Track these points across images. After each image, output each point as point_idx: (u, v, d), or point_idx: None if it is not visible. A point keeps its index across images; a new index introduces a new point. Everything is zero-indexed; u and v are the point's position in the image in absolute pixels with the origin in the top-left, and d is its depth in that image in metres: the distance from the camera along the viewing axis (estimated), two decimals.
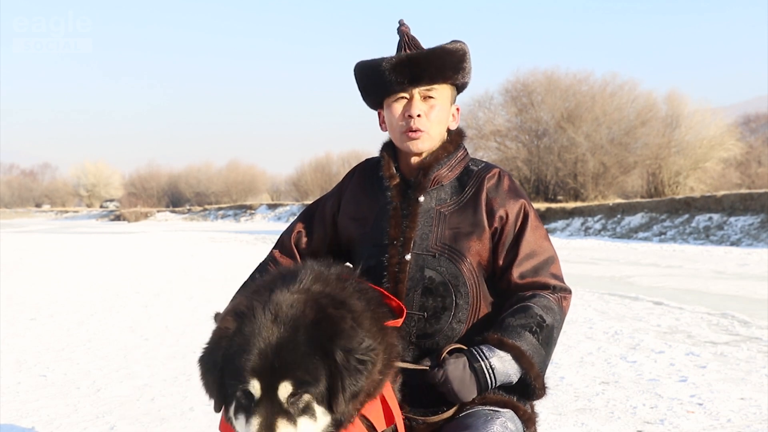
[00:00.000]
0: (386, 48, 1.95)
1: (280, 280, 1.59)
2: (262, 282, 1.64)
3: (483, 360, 1.70)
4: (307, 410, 1.42)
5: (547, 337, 1.76)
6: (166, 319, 7.37)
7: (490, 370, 1.69)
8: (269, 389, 1.39)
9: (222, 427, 1.64)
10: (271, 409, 1.39)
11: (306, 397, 1.42)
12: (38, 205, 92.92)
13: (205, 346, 1.54)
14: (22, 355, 5.60)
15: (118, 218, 62.55)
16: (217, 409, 1.53)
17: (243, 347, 1.42)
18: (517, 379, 1.74)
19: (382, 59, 1.86)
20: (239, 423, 1.44)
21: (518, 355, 1.71)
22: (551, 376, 4.72)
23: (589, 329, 6.49)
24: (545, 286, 1.83)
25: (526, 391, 1.77)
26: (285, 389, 1.40)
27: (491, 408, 1.74)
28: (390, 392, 1.62)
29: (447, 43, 1.88)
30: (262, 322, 1.44)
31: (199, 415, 3.88)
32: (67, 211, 79.07)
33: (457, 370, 1.69)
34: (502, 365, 1.70)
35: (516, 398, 1.78)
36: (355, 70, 1.95)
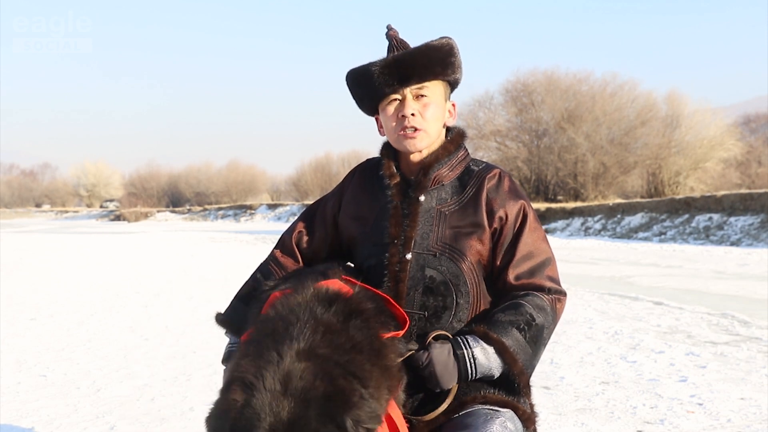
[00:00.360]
0: (386, 48, 1.95)
1: (284, 332, 1.51)
2: (263, 332, 1.56)
3: (466, 348, 1.71)
4: None
5: (536, 336, 1.77)
6: (166, 319, 7.37)
7: (472, 360, 1.71)
8: None
9: None
10: None
11: None
12: (38, 205, 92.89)
13: (212, 409, 1.47)
14: (22, 355, 5.60)
15: (118, 218, 62.54)
16: None
17: (252, 422, 1.37)
18: (498, 373, 1.75)
19: (370, 64, 1.87)
20: None
21: (501, 350, 1.72)
22: (551, 376, 4.72)
23: (589, 329, 6.49)
24: (540, 288, 1.84)
25: (512, 388, 1.78)
26: None
27: (491, 407, 1.74)
28: (393, 406, 1.61)
29: (432, 40, 1.88)
30: (272, 394, 1.38)
31: (199, 415, 3.88)
32: (67, 211, 79.06)
33: (441, 354, 1.70)
34: (485, 357, 1.72)
35: (515, 398, 1.79)
36: (346, 79, 1.95)
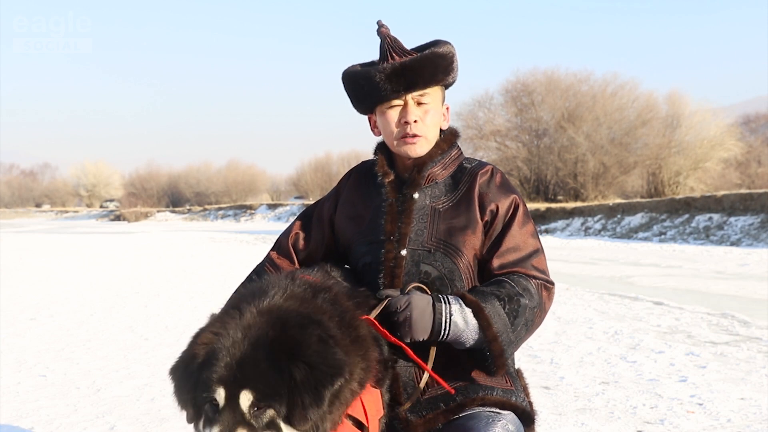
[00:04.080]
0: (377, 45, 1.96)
1: (251, 297, 1.63)
2: (237, 299, 1.70)
3: (445, 304, 1.71)
4: (271, 426, 1.44)
5: (516, 311, 1.74)
6: (166, 318, 7.37)
7: (448, 317, 1.69)
8: (232, 398, 1.43)
9: None
10: (233, 418, 1.42)
11: (270, 412, 1.43)
12: (38, 205, 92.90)
13: (179, 358, 1.58)
14: (22, 355, 5.60)
15: (118, 218, 62.54)
16: (189, 420, 1.54)
17: (212, 360, 1.49)
18: (472, 340, 1.72)
19: (373, 68, 1.87)
20: None
21: (477, 311, 1.71)
22: (551, 376, 4.72)
23: (589, 329, 6.49)
24: (525, 275, 1.84)
25: (485, 364, 1.75)
26: (246, 398, 1.43)
27: (491, 410, 1.74)
28: (367, 392, 1.61)
29: (436, 47, 1.89)
30: (233, 339, 1.50)
31: None
32: (67, 211, 79.05)
33: (421, 301, 1.70)
34: (462, 318, 1.70)
35: (503, 393, 1.78)
36: (344, 79, 1.95)
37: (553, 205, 31.64)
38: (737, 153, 37.60)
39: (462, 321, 1.70)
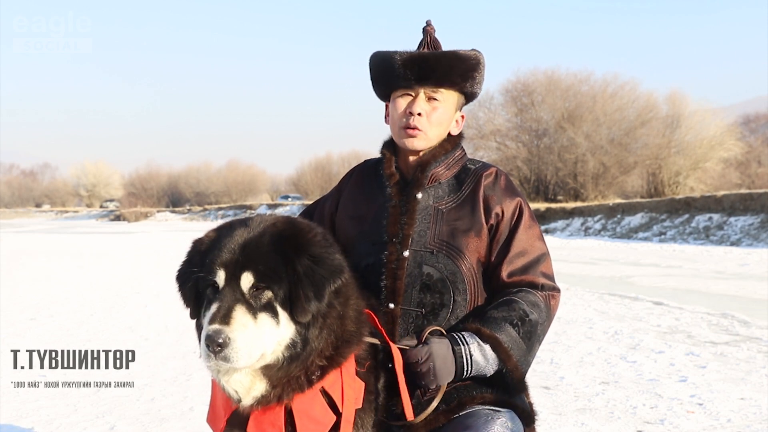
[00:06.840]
0: (416, 42, 1.99)
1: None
2: None
3: (464, 345, 1.71)
4: (268, 308, 1.48)
5: (529, 332, 1.77)
6: (166, 319, 7.36)
7: (469, 357, 1.71)
8: (233, 279, 1.48)
9: (210, 419, 1.66)
10: (233, 296, 1.47)
11: (268, 293, 1.48)
12: (38, 205, 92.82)
13: (183, 259, 1.65)
14: (22, 355, 5.58)
15: (118, 218, 62.51)
16: (192, 316, 1.60)
17: (216, 246, 1.54)
18: (493, 371, 1.74)
19: (396, 52, 1.89)
20: (205, 317, 1.50)
21: (495, 345, 1.72)
22: (551, 376, 4.72)
23: (589, 329, 6.49)
24: (533, 285, 1.85)
25: (506, 385, 1.77)
26: (247, 279, 1.48)
27: (491, 408, 1.74)
28: (350, 377, 1.60)
29: (461, 49, 1.90)
30: (237, 230, 1.56)
31: (199, 415, 3.88)
32: (67, 211, 78.99)
33: (441, 349, 1.70)
34: (482, 355, 1.72)
35: (503, 393, 1.78)
36: (370, 59, 1.98)
37: (553, 205, 31.65)
38: (737, 153, 37.61)
39: (482, 358, 1.72)
